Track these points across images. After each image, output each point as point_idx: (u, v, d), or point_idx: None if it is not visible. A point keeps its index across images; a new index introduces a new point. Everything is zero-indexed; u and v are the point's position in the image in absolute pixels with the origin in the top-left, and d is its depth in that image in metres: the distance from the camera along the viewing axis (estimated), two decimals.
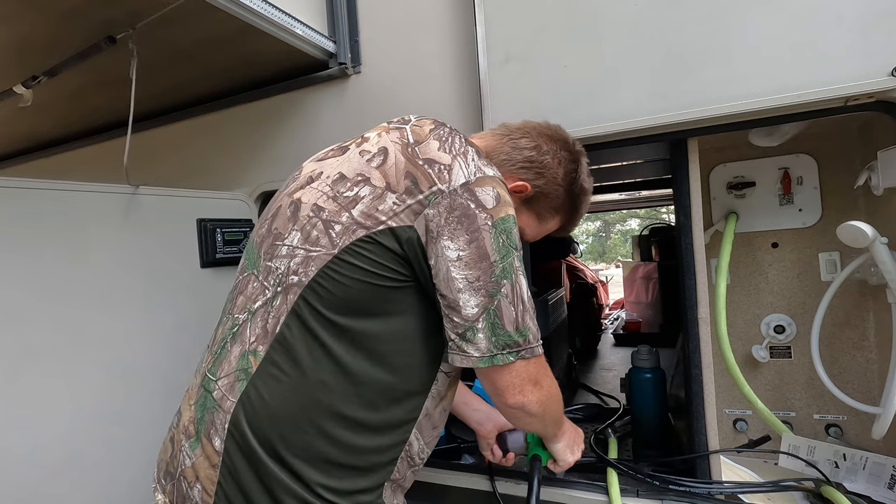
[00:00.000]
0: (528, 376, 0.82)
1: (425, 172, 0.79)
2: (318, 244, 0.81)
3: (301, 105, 1.74)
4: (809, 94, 1.00)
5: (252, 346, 0.81)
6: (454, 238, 0.77)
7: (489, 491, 1.29)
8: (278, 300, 0.81)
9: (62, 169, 2.63)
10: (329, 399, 0.78)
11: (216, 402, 0.81)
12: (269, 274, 0.84)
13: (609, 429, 1.47)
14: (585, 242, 22.78)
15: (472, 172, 0.80)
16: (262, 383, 0.78)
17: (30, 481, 1.12)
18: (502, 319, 0.78)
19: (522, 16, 1.27)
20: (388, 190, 0.79)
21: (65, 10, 1.34)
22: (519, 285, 0.80)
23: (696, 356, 1.16)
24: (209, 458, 0.79)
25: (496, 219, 0.78)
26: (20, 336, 1.12)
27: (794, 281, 1.48)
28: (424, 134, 0.85)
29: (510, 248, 0.79)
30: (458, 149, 0.83)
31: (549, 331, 1.62)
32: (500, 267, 0.78)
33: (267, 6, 1.37)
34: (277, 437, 0.77)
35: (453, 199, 0.77)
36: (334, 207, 0.81)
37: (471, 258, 0.77)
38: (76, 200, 1.26)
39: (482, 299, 0.77)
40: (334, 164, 0.88)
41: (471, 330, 0.77)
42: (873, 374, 1.37)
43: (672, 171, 1.21)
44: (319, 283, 0.79)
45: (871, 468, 1.16)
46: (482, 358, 0.78)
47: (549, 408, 0.89)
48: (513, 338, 0.78)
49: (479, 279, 0.77)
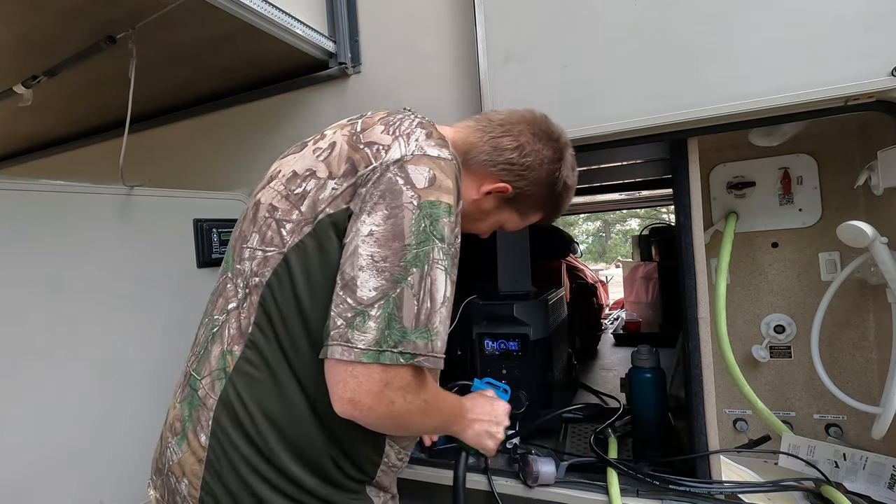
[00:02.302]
0: (401, 383, 0.70)
1: (364, 154, 0.78)
2: (272, 244, 0.82)
3: (301, 105, 1.74)
4: (809, 94, 1.00)
5: (229, 346, 0.82)
6: (372, 212, 0.72)
7: (488, 490, 1.29)
8: (247, 301, 0.82)
9: (62, 169, 2.63)
10: (298, 398, 0.79)
11: (201, 399, 0.82)
12: (238, 276, 0.86)
13: (609, 429, 1.47)
14: (585, 242, 22.79)
15: (410, 151, 0.76)
16: (238, 382, 0.80)
17: (24, 478, 1.13)
18: (401, 311, 0.69)
19: (522, 16, 1.27)
20: (329, 178, 0.79)
21: (65, 10, 1.34)
22: (433, 279, 0.71)
23: (696, 356, 1.16)
24: (195, 453, 0.80)
25: (423, 200, 0.72)
26: (16, 335, 1.13)
27: (794, 281, 1.48)
28: (373, 122, 0.84)
29: (432, 237, 0.72)
30: (404, 130, 0.80)
31: (549, 331, 1.62)
32: (414, 253, 0.70)
33: (267, 6, 1.37)
34: (256, 434, 0.78)
35: (383, 173, 0.74)
36: (286, 206, 0.82)
37: (383, 235, 0.70)
38: (73, 201, 1.26)
39: (384, 283, 0.69)
40: (290, 162, 0.89)
41: (362, 315, 0.68)
42: (873, 373, 1.37)
43: (672, 171, 1.21)
44: (274, 283, 0.80)
45: (871, 468, 1.16)
46: (367, 352, 0.67)
47: (410, 423, 0.78)
48: (409, 336, 0.69)
49: (385, 259, 0.70)
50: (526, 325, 1.55)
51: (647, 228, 3.12)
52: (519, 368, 1.54)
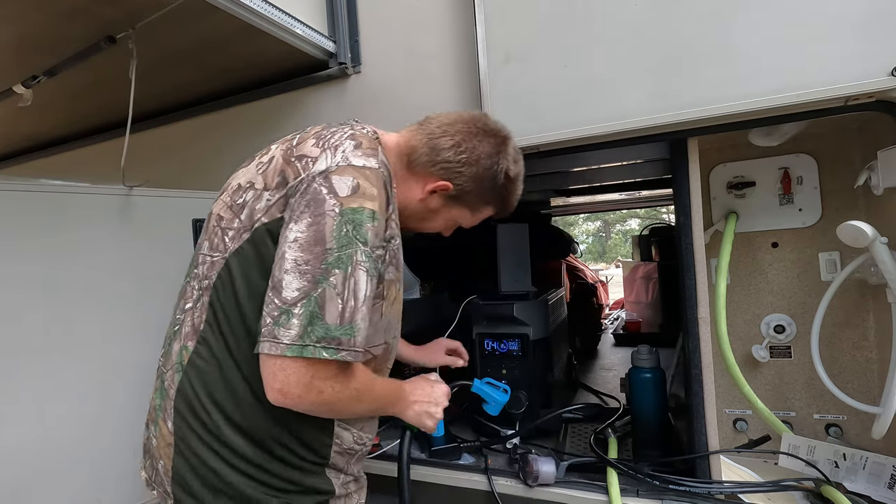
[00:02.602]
0: (326, 374, 0.77)
1: (294, 167, 0.85)
2: (217, 250, 0.91)
3: (301, 105, 1.74)
4: (809, 94, 1.00)
5: (185, 342, 0.92)
6: (298, 220, 0.79)
7: (488, 490, 1.29)
8: (200, 302, 0.92)
9: (62, 169, 2.63)
10: (242, 387, 0.86)
11: (166, 390, 0.93)
12: (195, 279, 0.96)
13: (609, 429, 1.47)
14: (585, 242, 22.77)
15: (335, 162, 0.82)
16: (191, 374, 0.89)
17: (23, 477, 1.14)
18: (323, 310, 0.75)
19: (522, 16, 1.27)
20: (265, 189, 0.88)
21: (65, 10, 1.34)
22: (356, 280, 0.77)
23: (696, 356, 1.16)
24: (165, 437, 0.91)
25: (345, 207, 0.78)
26: (13, 334, 1.14)
27: (794, 281, 1.48)
28: (307, 136, 0.92)
29: (355, 240, 0.77)
30: (332, 143, 0.86)
31: (549, 331, 1.62)
32: (336, 255, 0.76)
33: (267, 6, 1.37)
34: (209, 419, 0.87)
35: (309, 184, 0.81)
36: (230, 215, 0.92)
37: (306, 241, 0.77)
38: (71, 202, 1.27)
39: (305, 284, 0.75)
40: (239, 175, 0.98)
41: (286, 314, 0.75)
42: (873, 373, 1.38)
43: (672, 171, 1.21)
44: (219, 285, 0.89)
45: (871, 468, 1.16)
46: (291, 346, 0.74)
47: (344, 408, 0.85)
48: (333, 332, 0.75)
49: (307, 263, 0.76)
50: (526, 325, 1.55)
51: (647, 228, 3.12)
52: (519, 368, 1.54)
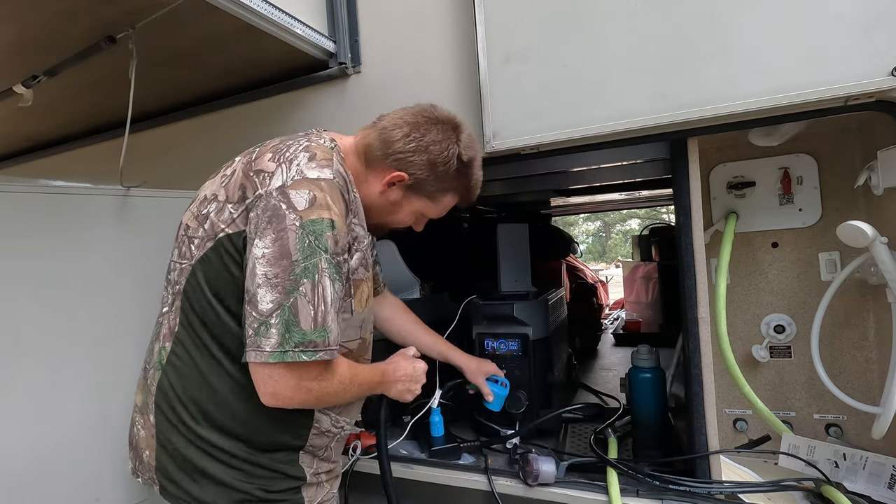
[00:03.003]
0: (310, 375, 0.86)
1: (252, 181, 0.90)
2: (185, 257, 0.98)
3: (301, 105, 1.74)
4: (809, 94, 1.00)
5: (163, 343, 1.00)
6: (262, 236, 0.84)
7: (488, 490, 1.29)
8: (174, 306, 0.99)
9: (62, 169, 2.63)
10: (222, 382, 0.93)
11: (148, 387, 1.01)
12: (169, 285, 1.03)
13: (609, 429, 1.47)
14: (585, 242, 22.77)
15: (290, 177, 0.87)
16: (169, 372, 0.97)
17: (21, 475, 1.14)
18: (298, 317, 0.82)
19: (522, 16, 1.27)
20: (227, 202, 0.93)
21: (65, 10, 1.34)
22: (322, 286, 0.84)
23: (696, 356, 1.16)
24: (148, 430, 0.99)
25: (305, 220, 0.83)
26: (11, 333, 1.14)
27: (794, 281, 1.48)
28: (266, 150, 0.97)
29: (318, 250, 0.83)
30: (287, 157, 0.91)
31: (549, 331, 1.62)
32: (302, 266, 0.82)
33: (267, 6, 1.37)
34: (185, 413, 0.94)
35: (268, 200, 0.85)
36: (195, 225, 0.97)
37: (273, 255, 0.83)
38: (69, 202, 1.28)
39: (278, 296, 0.82)
40: (206, 186, 1.04)
41: (264, 325, 0.81)
42: (873, 373, 1.38)
43: (672, 171, 1.21)
44: (189, 290, 0.95)
45: (871, 468, 1.16)
46: (273, 353, 0.81)
47: (333, 399, 0.94)
48: (308, 336, 0.82)
49: (277, 276, 0.82)
50: (526, 325, 1.55)
51: (647, 228, 3.12)
52: (519, 368, 1.54)
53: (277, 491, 0.96)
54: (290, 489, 0.97)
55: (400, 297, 1.50)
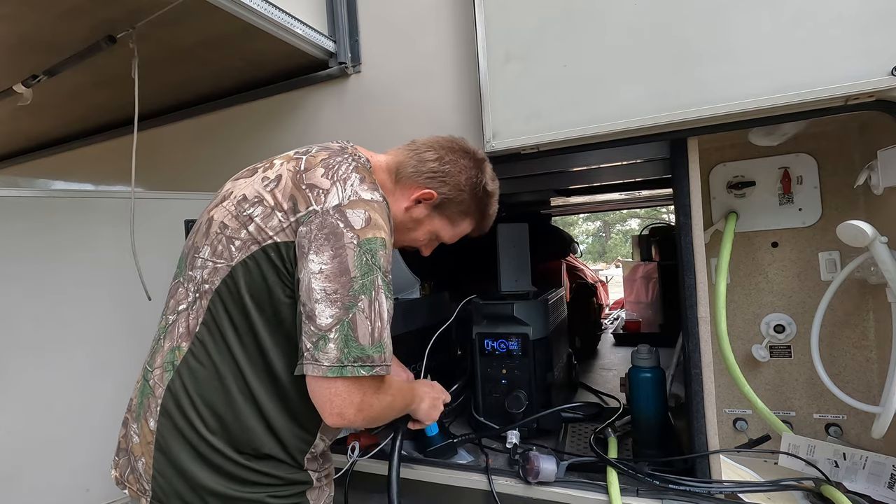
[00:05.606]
0: (371, 390, 0.86)
1: (305, 195, 0.90)
2: (221, 257, 0.94)
3: (301, 105, 1.74)
4: (809, 94, 1.00)
5: (178, 343, 0.95)
6: (319, 252, 0.84)
7: (487, 490, 1.29)
8: (197, 304, 0.95)
9: (62, 169, 2.63)
10: (240, 392, 0.91)
11: (151, 389, 0.96)
12: (190, 281, 0.98)
13: (609, 428, 1.47)
14: (585, 242, 22.76)
15: (346, 196, 0.88)
16: (184, 374, 0.92)
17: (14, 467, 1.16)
18: (356, 332, 0.83)
19: (522, 15, 1.27)
20: (276, 209, 0.91)
21: (65, 9, 1.34)
22: (380, 303, 0.85)
23: (696, 356, 1.16)
24: (146, 436, 0.94)
25: (362, 239, 0.85)
26: (5, 330, 1.15)
27: (793, 280, 1.48)
28: (315, 163, 0.95)
29: (374, 267, 0.85)
30: (340, 175, 0.92)
31: (549, 331, 1.62)
32: (360, 283, 0.84)
33: (267, 6, 1.37)
34: (198, 419, 0.90)
35: (325, 218, 0.86)
36: (236, 225, 0.94)
37: (332, 272, 0.83)
38: (67, 203, 1.28)
39: (337, 311, 0.82)
40: (242, 186, 1.01)
41: (323, 339, 0.82)
42: (873, 373, 1.38)
43: (672, 171, 1.21)
44: (223, 291, 0.92)
45: (870, 467, 1.16)
46: (332, 367, 0.81)
47: (385, 415, 0.96)
48: (367, 352, 0.83)
49: (336, 292, 0.83)
50: (526, 325, 1.55)
51: (647, 228, 3.12)
52: (519, 368, 1.54)
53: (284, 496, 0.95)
54: (295, 493, 0.97)
55: (400, 296, 1.50)
